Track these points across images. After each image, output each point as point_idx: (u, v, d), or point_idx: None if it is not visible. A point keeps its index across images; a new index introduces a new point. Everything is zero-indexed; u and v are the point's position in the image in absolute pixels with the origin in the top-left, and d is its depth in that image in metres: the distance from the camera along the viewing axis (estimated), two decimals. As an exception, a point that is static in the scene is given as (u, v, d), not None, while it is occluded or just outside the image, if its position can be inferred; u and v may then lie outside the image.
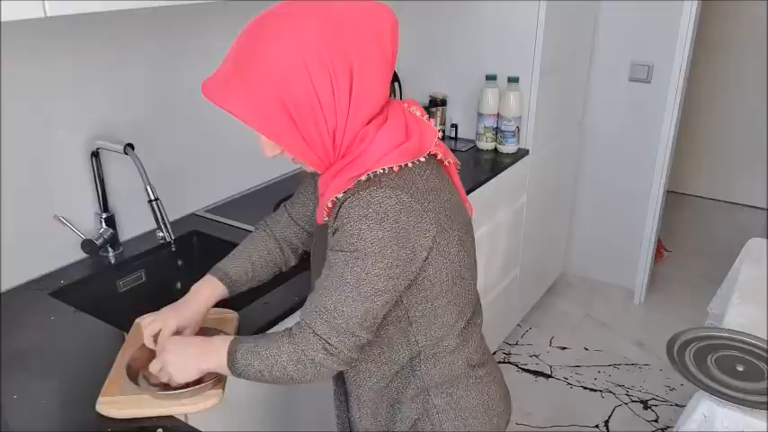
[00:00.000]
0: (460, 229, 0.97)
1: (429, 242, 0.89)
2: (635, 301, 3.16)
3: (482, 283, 2.38)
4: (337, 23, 0.83)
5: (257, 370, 0.95)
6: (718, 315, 1.89)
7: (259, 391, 1.39)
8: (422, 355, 1.03)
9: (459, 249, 0.96)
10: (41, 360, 1.21)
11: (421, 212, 0.87)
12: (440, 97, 2.58)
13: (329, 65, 0.81)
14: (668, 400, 2.49)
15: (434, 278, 0.94)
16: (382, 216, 0.84)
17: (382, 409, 1.10)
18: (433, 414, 1.07)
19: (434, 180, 0.93)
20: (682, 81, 2.76)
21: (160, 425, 1.03)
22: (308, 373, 0.93)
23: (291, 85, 0.81)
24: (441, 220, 0.90)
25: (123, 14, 1.52)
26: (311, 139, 0.86)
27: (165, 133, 1.74)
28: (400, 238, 0.85)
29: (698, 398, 1.40)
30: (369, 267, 0.85)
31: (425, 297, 0.96)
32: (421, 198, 0.87)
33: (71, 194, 1.54)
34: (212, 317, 1.29)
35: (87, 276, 1.53)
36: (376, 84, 0.86)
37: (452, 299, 1.00)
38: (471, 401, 1.09)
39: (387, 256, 0.85)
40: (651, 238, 3.05)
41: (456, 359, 1.06)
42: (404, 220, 0.85)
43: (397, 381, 1.07)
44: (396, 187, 0.85)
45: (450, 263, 0.95)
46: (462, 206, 1.02)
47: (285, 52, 0.81)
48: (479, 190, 2.17)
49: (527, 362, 2.72)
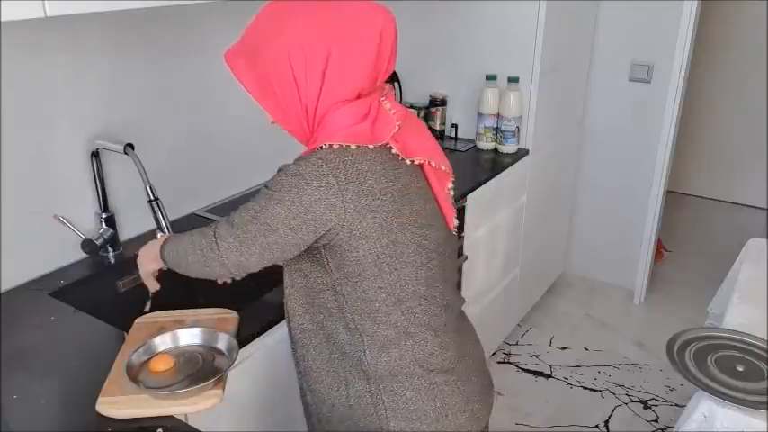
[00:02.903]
0: (410, 222, 1.02)
1: (334, 218, 0.96)
2: (635, 301, 3.16)
3: (482, 284, 2.41)
4: (327, 18, 0.96)
5: (175, 254, 1.14)
6: (718, 315, 1.89)
7: (259, 391, 1.40)
8: (364, 340, 1.07)
9: (390, 240, 1.01)
10: (41, 360, 1.21)
11: (336, 188, 0.95)
12: (440, 97, 2.58)
13: (307, 51, 0.95)
14: (668, 400, 2.49)
15: (357, 259, 1.01)
16: (298, 174, 0.96)
17: (333, 390, 1.13)
18: (380, 410, 1.09)
19: (375, 168, 0.98)
20: (682, 81, 2.76)
21: (160, 425, 1.03)
22: (198, 263, 1.07)
23: (276, 66, 0.97)
24: (361, 204, 0.96)
25: (123, 14, 1.52)
26: (289, 110, 1.00)
27: (166, 133, 1.74)
28: (304, 198, 0.95)
29: (698, 398, 1.40)
30: (271, 207, 0.98)
31: (350, 274, 1.02)
32: (342, 177, 0.95)
33: (71, 194, 1.55)
34: (212, 317, 1.29)
35: (87, 276, 1.53)
36: (351, 73, 0.97)
37: (383, 286, 1.03)
38: (421, 405, 1.09)
39: (287, 205, 0.96)
40: (651, 238, 3.05)
41: (403, 354, 1.08)
42: (314, 186, 0.95)
43: (346, 364, 1.10)
44: (323, 159, 0.96)
45: (375, 249, 1.00)
46: (424, 207, 1.06)
47: (276, 38, 0.97)
48: (479, 190, 2.17)
49: (527, 362, 2.72)
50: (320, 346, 1.13)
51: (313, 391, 1.17)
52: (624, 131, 2.98)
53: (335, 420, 1.16)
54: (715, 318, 1.99)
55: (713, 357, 1.47)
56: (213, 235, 1.04)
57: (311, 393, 1.18)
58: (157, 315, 1.31)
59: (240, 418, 1.36)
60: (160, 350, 1.18)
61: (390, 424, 1.10)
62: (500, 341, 2.78)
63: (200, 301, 1.51)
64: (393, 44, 1.01)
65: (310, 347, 1.14)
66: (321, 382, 1.14)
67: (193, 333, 1.22)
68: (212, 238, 1.04)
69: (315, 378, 1.15)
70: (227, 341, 1.19)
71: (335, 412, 1.15)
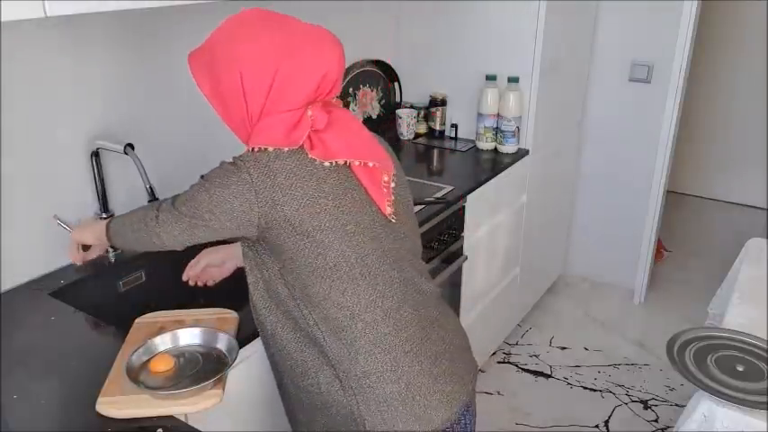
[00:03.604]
0: (325, 212, 1.09)
1: (249, 210, 1.07)
2: (635, 301, 3.17)
3: (482, 284, 2.41)
4: (280, 40, 1.07)
5: (120, 225, 1.26)
6: (718, 315, 1.89)
7: (259, 391, 1.40)
8: (320, 326, 1.13)
9: (304, 229, 1.08)
10: (41, 360, 1.21)
11: (250, 184, 1.07)
12: (440, 97, 2.58)
13: (257, 68, 1.06)
14: (668, 400, 2.50)
15: (284, 248, 1.10)
16: (224, 169, 1.11)
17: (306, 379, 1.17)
18: (350, 396, 1.14)
19: (286, 167, 1.08)
20: (682, 81, 2.76)
21: (160, 425, 1.03)
22: (140, 231, 1.20)
23: (228, 75, 1.08)
24: (271, 197, 1.07)
25: (123, 14, 1.52)
26: (234, 114, 1.12)
27: (166, 133, 1.74)
28: (224, 191, 1.08)
29: (698, 398, 1.40)
30: (200, 193, 1.11)
31: (286, 263, 1.11)
32: (255, 173, 1.07)
33: (71, 194, 1.55)
34: (212, 317, 1.29)
35: (87, 276, 1.53)
36: (293, 94, 1.08)
37: (315, 270, 1.10)
38: (386, 387, 1.13)
39: (211, 194, 1.09)
40: (651, 238, 3.05)
41: (357, 337, 1.12)
42: (233, 180, 1.08)
43: (313, 351, 1.15)
44: (244, 159, 1.09)
45: (294, 238, 1.09)
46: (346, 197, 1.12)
47: (232, 51, 1.08)
48: (479, 190, 2.17)
49: (527, 362, 2.72)
50: (288, 336, 1.17)
51: (292, 382, 1.21)
52: (624, 132, 2.98)
53: (314, 409, 1.19)
54: (715, 318, 1.99)
55: (713, 357, 1.47)
56: (156, 209, 1.17)
57: (291, 384, 1.22)
58: (157, 315, 1.31)
59: (240, 418, 1.37)
60: (160, 350, 1.18)
61: (361, 408, 1.13)
62: (500, 341, 2.78)
63: (200, 301, 1.51)
64: (338, 75, 1.12)
65: (279, 339, 1.18)
66: (295, 371, 1.18)
67: (193, 333, 1.22)
68: (155, 211, 1.17)
69: (290, 368, 1.19)
70: (227, 341, 1.19)
71: (312, 400, 1.18)
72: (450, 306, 1.35)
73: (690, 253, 3.64)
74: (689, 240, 3.80)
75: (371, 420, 1.13)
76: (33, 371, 1.18)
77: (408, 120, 2.58)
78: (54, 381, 1.16)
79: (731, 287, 1.86)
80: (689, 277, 3.36)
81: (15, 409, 1.09)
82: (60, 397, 1.13)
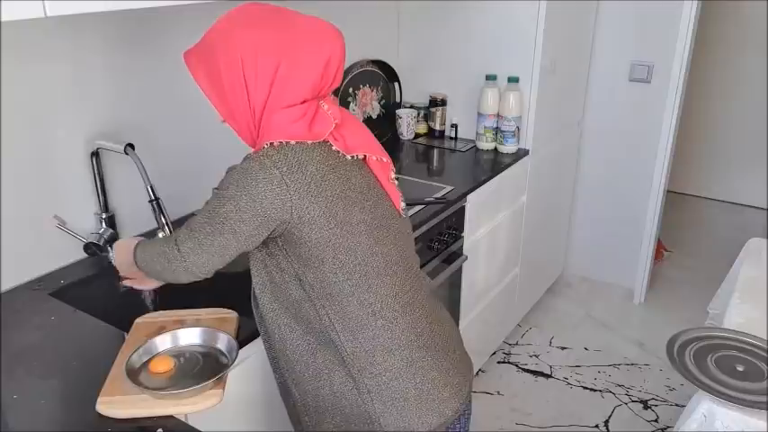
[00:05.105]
0: (355, 204, 1.09)
1: (282, 205, 1.02)
2: (635, 301, 3.16)
3: (482, 284, 2.41)
4: (281, 31, 1.04)
5: (145, 264, 1.19)
6: (719, 315, 1.89)
7: (259, 391, 1.40)
8: (336, 326, 1.11)
9: (337, 222, 1.06)
10: (41, 360, 1.21)
11: (279, 178, 1.02)
12: (440, 97, 2.58)
13: (259, 60, 1.03)
14: (668, 400, 2.50)
15: (311, 244, 1.06)
16: (243, 171, 1.04)
17: (317, 381, 1.16)
18: (364, 394, 1.13)
19: (315, 158, 1.05)
20: (682, 81, 2.76)
21: (160, 425, 1.03)
22: (167, 271, 1.13)
23: (229, 69, 1.04)
24: (304, 190, 1.03)
25: (124, 14, 1.52)
26: (237, 111, 1.07)
27: (166, 133, 1.74)
28: (251, 192, 1.02)
29: (698, 398, 1.40)
30: (222, 205, 1.05)
31: (309, 260, 1.08)
32: (284, 167, 1.02)
33: (71, 194, 1.55)
34: (212, 317, 1.29)
35: (87, 276, 1.53)
36: (297, 85, 1.05)
37: (341, 267, 1.08)
38: (402, 384, 1.13)
39: (237, 201, 1.03)
40: (651, 238, 3.05)
41: (376, 335, 1.12)
42: (260, 178, 1.02)
43: (325, 353, 1.13)
44: (266, 155, 1.03)
45: (325, 232, 1.06)
46: (368, 191, 1.12)
47: (232, 44, 1.04)
48: (479, 190, 2.17)
49: (527, 362, 2.72)
50: (298, 340, 1.16)
51: (298, 385, 1.20)
52: (624, 131, 2.98)
53: (322, 411, 1.18)
54: (715, 318, 1.99)
55: (713, 357, 1.47)
56: (175, 242, 1.10)
57: (296, 387, 1.20)
58: (157, 315, 1.31)
59: (240, 418, 1.37)
60: (160, 350, 1.18)
61: (376, 406, 1.13)
62: (500, 341, 2.78)
63: (200, 301, 1.51)
64: (340, 63, 1.09)
65: (287, 342, 1.17)
66: (303, 374, 1.17)
67: (193, 333, 1.22)
68: (174, 245, 1.10)
69: (298, 372, 1.18)
70: (227, 341, 1.19)
71: (320, 402, 1.17)
72: (450, 306, 1.36)
73: (690, 253, 3.64)
74: (689, 240, 3.80)
75: (386, 418, 1.13)
76: (33, 371, 1.18)
77: (408, 120, 2.58)
78: (54, 381, 1.16)
79: (731, 287, 1.86)
80: (689, 277, 3.36)
81: (15, 409, 1.09)
82: (60, 397, 1.13)
